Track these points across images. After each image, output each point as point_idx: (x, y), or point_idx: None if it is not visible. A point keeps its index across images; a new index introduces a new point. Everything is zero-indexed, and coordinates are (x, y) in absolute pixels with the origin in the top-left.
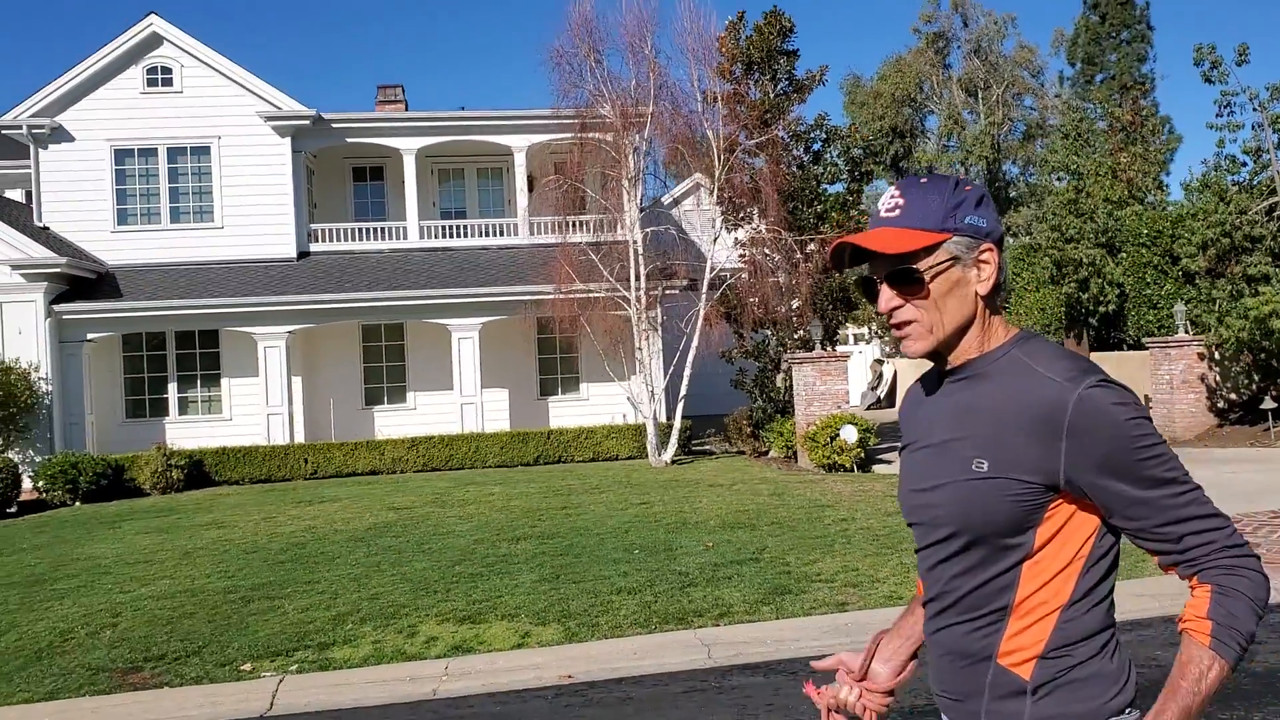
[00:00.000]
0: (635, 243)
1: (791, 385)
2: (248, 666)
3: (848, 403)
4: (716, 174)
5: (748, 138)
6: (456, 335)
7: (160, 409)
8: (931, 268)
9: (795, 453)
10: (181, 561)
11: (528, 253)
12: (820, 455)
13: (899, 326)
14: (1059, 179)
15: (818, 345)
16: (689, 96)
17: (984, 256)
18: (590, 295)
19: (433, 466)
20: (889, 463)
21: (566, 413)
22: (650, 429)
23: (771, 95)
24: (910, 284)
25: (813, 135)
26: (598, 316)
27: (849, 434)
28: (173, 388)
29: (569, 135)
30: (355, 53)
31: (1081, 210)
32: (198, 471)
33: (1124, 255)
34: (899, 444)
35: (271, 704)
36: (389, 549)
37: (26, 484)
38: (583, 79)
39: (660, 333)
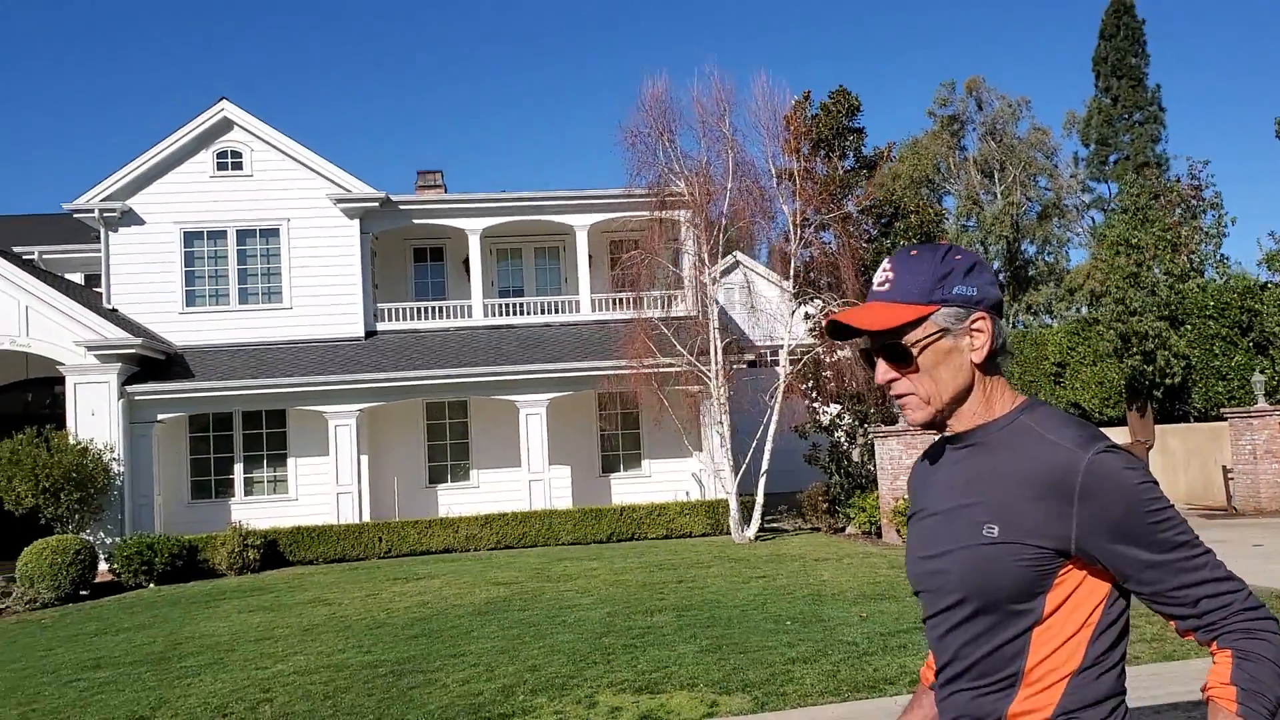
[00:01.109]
0: (713, 318)
1: (874, 460)
2: None
3: None
4: (793, 248)
5: (816, 213)
6: (524, 411)
7: (226, 489)
8: (918, 341)
9: (879, 528)
10: (304, 638)
11: (590, 329)
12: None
13: (898, 398)
14: (1117, 252)
15: (901, 419)
16: (763, 173)
17: (976, 325)
18: (666, 370)
19: (506, 544)
20: None
21: (629, 489)
22: (733, 505)
23: (841, 171)
24: (899, 358)
25: (881, 210)
26: (671, 391)
27: None
28: (239, 468)
29: (630, 214)
30: (390, 136)
31: (1143, 283)
32: (272, 551)
33: (1188, 328)
34: (908, 514)
35: None
36: (521, 622)
37: (101, 565)
38: (655, 157)
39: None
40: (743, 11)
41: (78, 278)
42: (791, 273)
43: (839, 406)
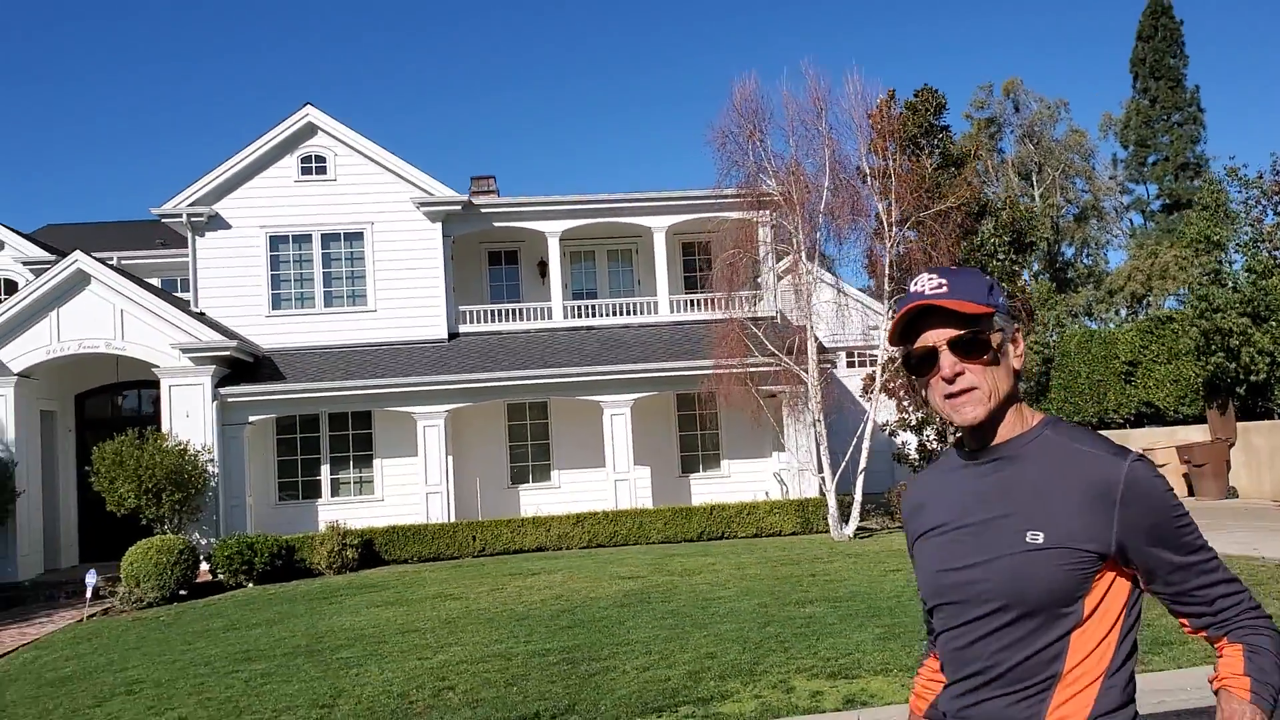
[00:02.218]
0: (811, 317)
1: None
2: None
3: None
4: (887, 247)
5: (910, 211)
6: (609, 412)
7: (313, 490)
8: (992, 333)
9: None
10: (450, 630)
11: (669, 330)
12: None
13: (958, 394)
14: (1197, 250)
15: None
16: (857, 171)
17: (1017, 336)
18: (759, 370)
19: (597, 543)
20: None
21: (708, 490)
22: (831, 503)
23: (929, 170)
24: (974, 347)
25: (968, 208)
26: (756, 391)
27: None
28: (325, 469)
29: (707, 214)
30: (441, 141)
31: (1224, 280)
32: (368, 551)
33: (1273, 324)
34: (911, 536)
35: None
36: (671, 614)
37: (201, 565)
38: (745, 157)
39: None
40: (765, 15)
41: (154, 283)
42: (886, 272)
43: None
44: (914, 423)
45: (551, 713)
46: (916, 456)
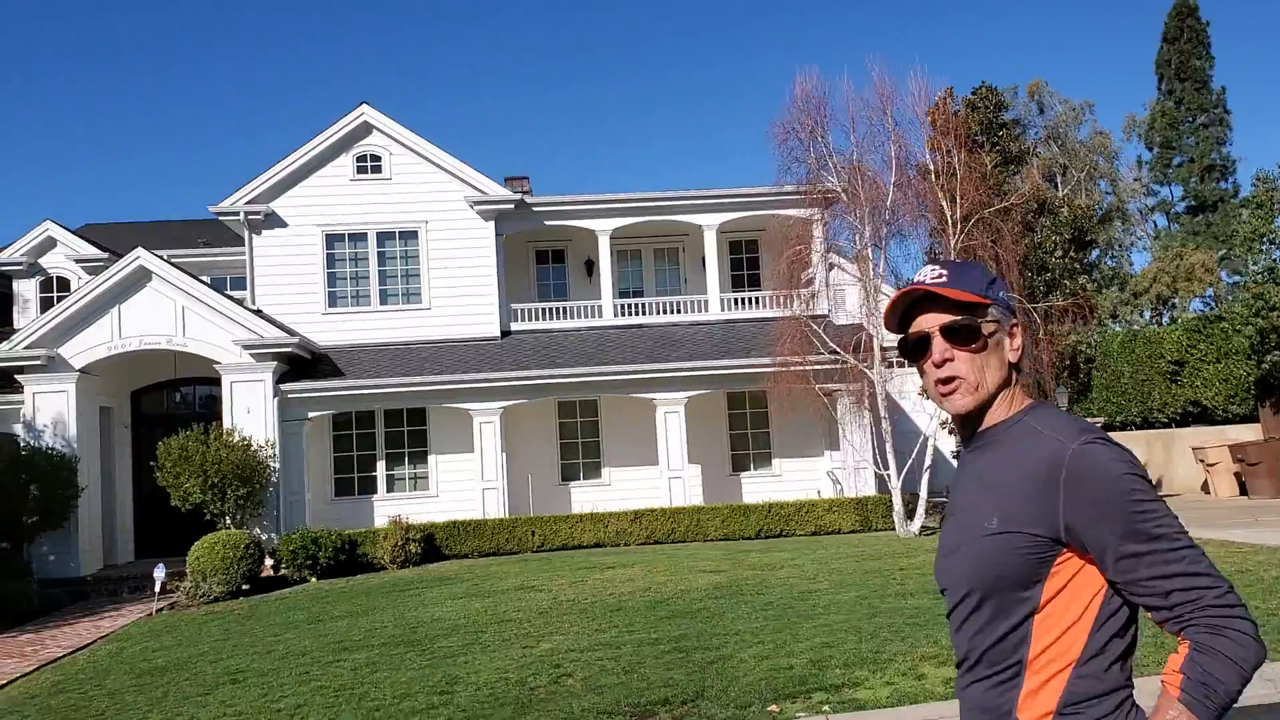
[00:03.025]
0: (876, 313)
1: None
2: (775, 708)
3: None
4: (951, 244)
5: (968, 209)
6: (663, 409)
7: (368, 486)
8: (984, 322)
9: None
10: (546, 620)
11: (720, 328)
12: None
13: (947, 381)
14: (1249, 248)
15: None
16: (920, 168)
17: (1015, 330)
18: (821, 367)
19: (655, 539)
20: None
21: (759, 488)
22: (897, 500)
23: (990, 167)
24: (966, 335)
25: (1027, 205)
26: (823, 389)
27: None
28: (381, 465)
29: (760, 211)
30: (475, 141)
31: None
32: (429, 545)
33: None
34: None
35: None
36: (770, 605)
37: (264, 560)
38: (807, 153)
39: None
40: (773, 19)
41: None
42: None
43: None
44: None
45: (681, 698)
46: None
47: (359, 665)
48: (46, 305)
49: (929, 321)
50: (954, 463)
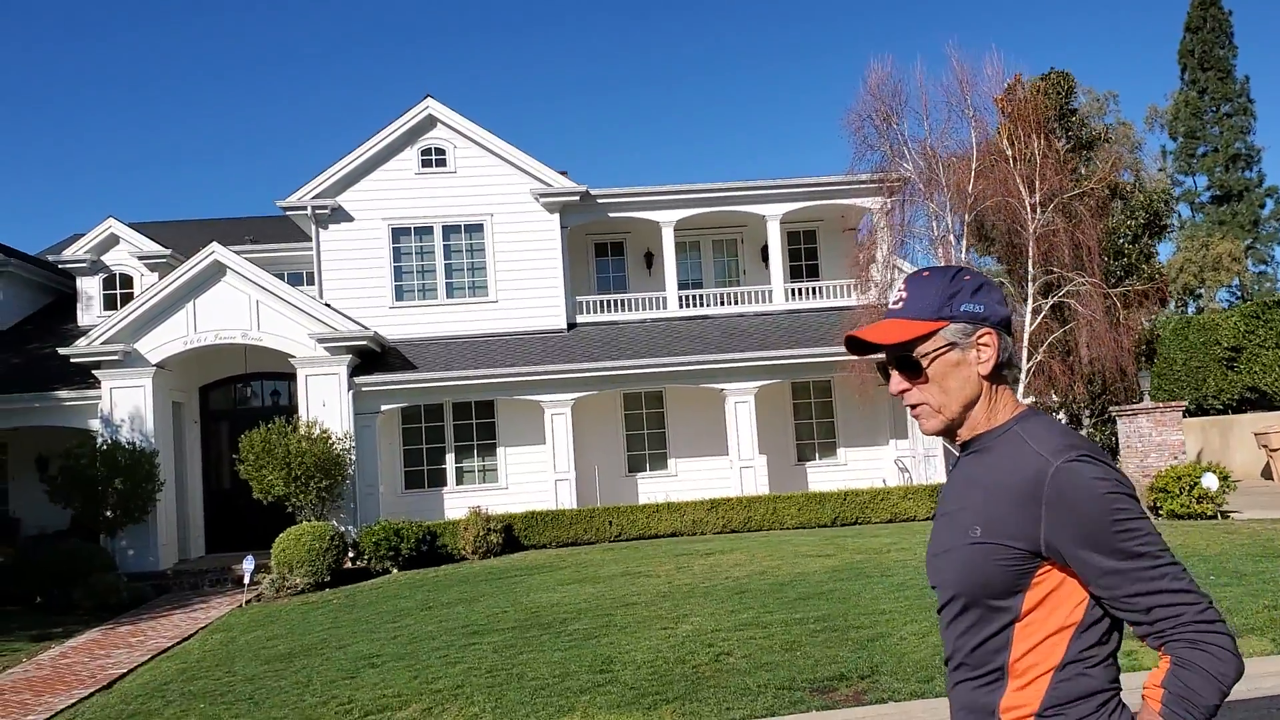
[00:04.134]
0: None
1: (1116, 438)
2: None
3: (1183, 453)
4: (1031, 230)
5: (1047, 194)
6: (733, 399)
7: (437, 479)
8: (928, 354)
9: None
10: (672, 603)
11: (785, 318)
12: (1175, 505)
13: (912, 408)
14: None
15: (1146, 396)
16: (1000, 154)
17: (983, 340)
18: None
19: (731, 528)
20: (1239, 511)
21: (824, 477)
22: None
23: (1062, 153)
24: (911, 369)
25: (1099, 191)
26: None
27: (1210, 482)
28: (450, 458)
29: (824, 201)
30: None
31: None
32: (508, 536)
33: None
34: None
35: None
36: (901, 586)
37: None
38: (881, 140)
39: None
40: (791, 7)
41: None
42: (1031, 254)
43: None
44: (1052, 404)
45: (857, 674)
46: None
47: (497, 647)
48: (110, 302)
49: (885, 354)
50: None
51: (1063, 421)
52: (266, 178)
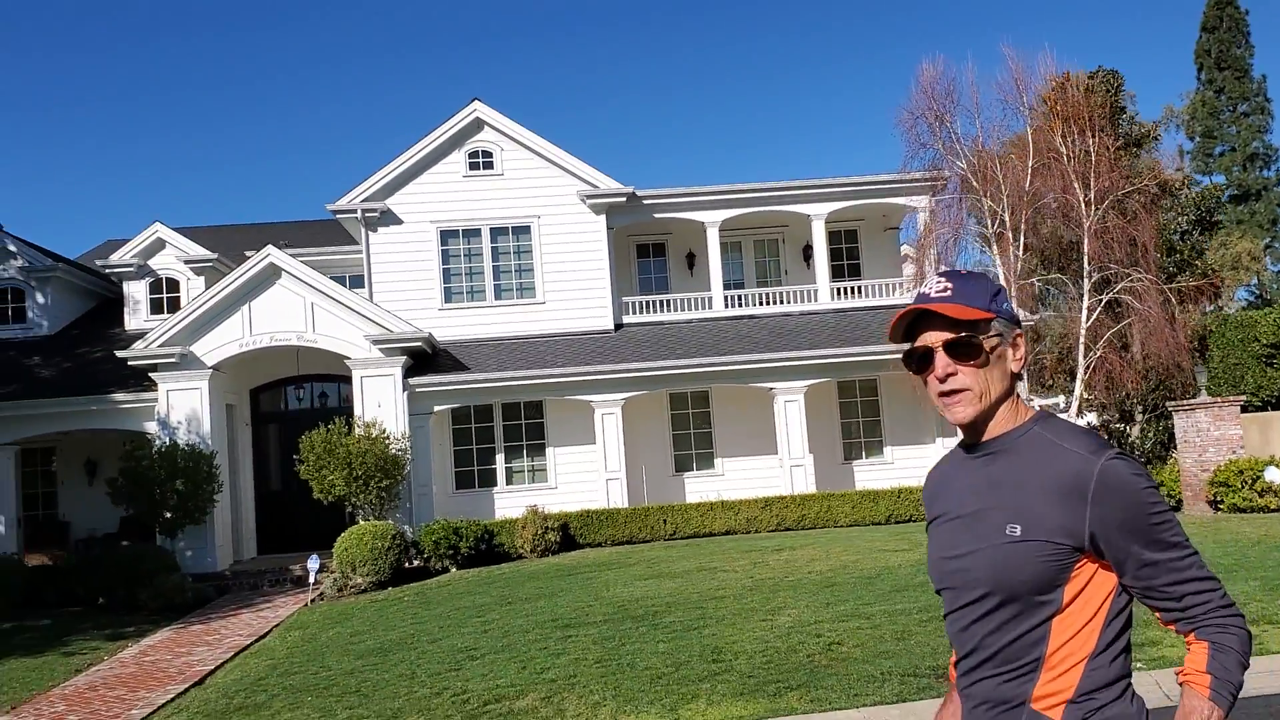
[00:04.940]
0: (1013, 297)
1: (1171, 433)
2: None
3: (1242, 448)
4: (1087, 227)
5: (1102, 191)
6: (782, 398)
7: (488, 479)
8: (986, 339)
9: (1179, 500)
10: (761, 596)
11: (832, 317)
12: (1237, 498)
13: (950, 394)
14: None
15: (1203, 391)
16: (1053, 152)
17: (1017, 340)
18: None
19: (785, 526)
20: None
21: (871, 476)
22: None
23: (1111, 150)
24: (968, 351)
25: (1148, 189)
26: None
27: (1273, 475)
28: (500, 458)
29: (871, 200)
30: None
31: None
32: (564, 534)
33: None
34: (927, 522)
35: None
36: None
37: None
38: (933, 138)
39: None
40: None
41: None
42: (1086, 251)
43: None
44: (1103, 401)
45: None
46: (1106, 436)
47: (596, 639)
48: (156, 306)
49: (932, 337)
50: None
51: (1115, 417)
52: (305, 183)
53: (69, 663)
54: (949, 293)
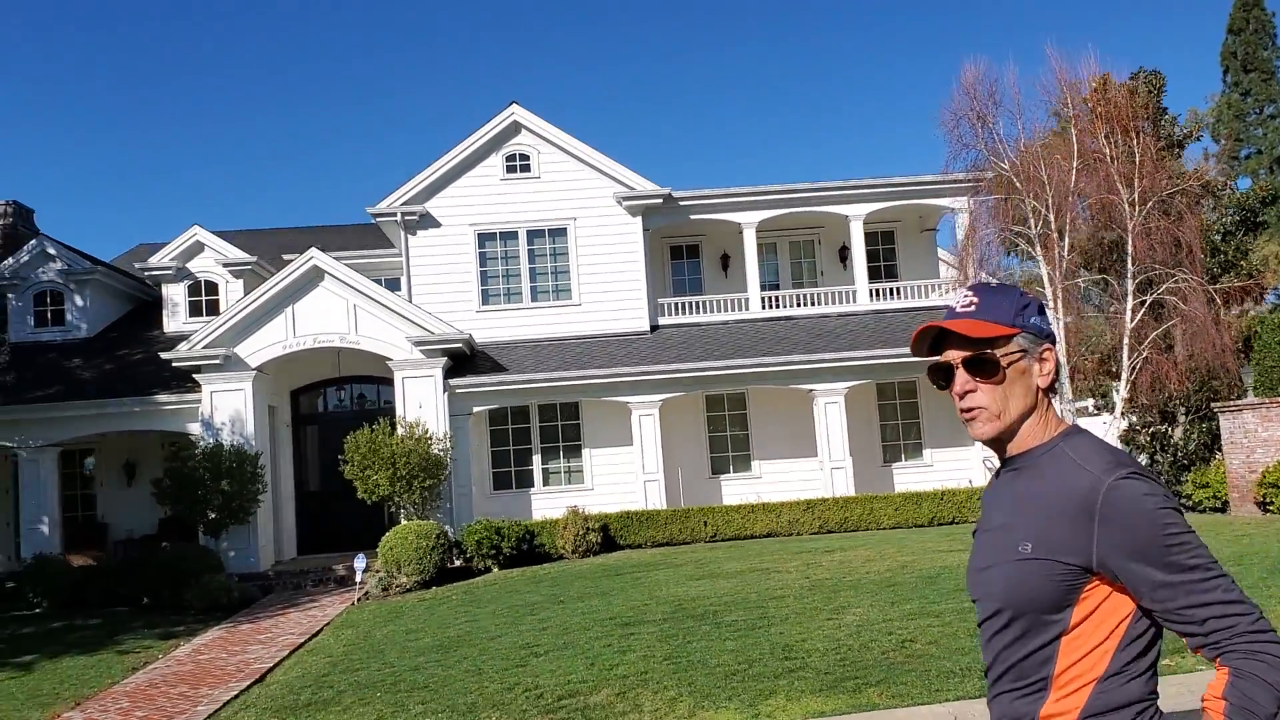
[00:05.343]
0: (1059, 298)
1: (1215, 434)
2: (1168, 662)
3: None
4: (1131, 228)
5: (1146, 192)
6: (822, 400)
7: (524, 480)
8: (1005, 355)
9: (1224, 502)
10: (822, 595)
11: (870, 318)
12: None
13: (969, 410)
14: None
15: (1249, 392)
16: (1095, 153)
17: (1045, 354)
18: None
19: (828, 529)
20: None
21: (910, 479)
22: None
23: (1154, 151)
24: (986, 368)
25: (1192, 189)
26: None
27: None
28: (536, 459)
29: (910, 201)
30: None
31: None
32: (604, 535)
33: None
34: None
35: None
36: None
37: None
38: (976, 139)
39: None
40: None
41: None
42: (1131, 252)
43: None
44: (1149, 402)
45: None
46: (1149, 439)
47: (660, 637)
48: (195, 309)
49: (953, 354)
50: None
51: (1157, 419)
52: (331, 187)
53: (124, 661)
54: (973, 307)
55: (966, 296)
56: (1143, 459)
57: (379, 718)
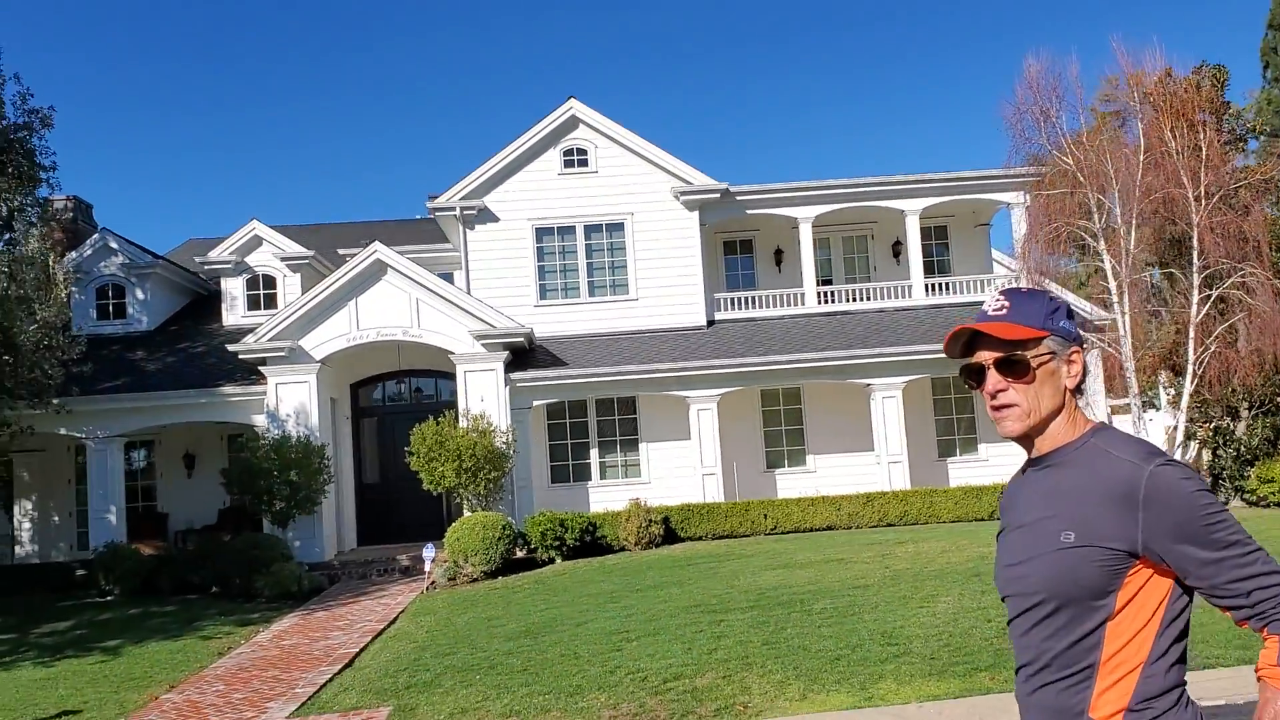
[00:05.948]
0: (1126, 296)
1: (1276, 429)
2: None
3: None
4: (1197, 223)
5: (1212, 186)
6: (880, 395)
7: (582, 473)
8: (1035, 357)
9: None
10: (907, 584)
11: (926, 313)
12: None
13: (1000, 409)
14: None
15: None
16: (1161, 147)
17: (1073, 357)
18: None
19: (888, 522)
20: None
21: (965, 473)
22: None
23: (1218, 145)
24: (1017, 369)
25: (1257, 183)
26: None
27: None
28: (594, 453)
29: (966, 195)
30: None
31: None
32: (665, 528)
33: None
34: (998, 531)
35: None
36: None
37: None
38: (1038, 133)
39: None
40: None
41: None
42: (1196, 248)
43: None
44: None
45: None
46: (1211, 434)
47: (752, 624)
48: (253, 303)
49: (984, 355)
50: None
51: (1220, 413)
52: (384, 183)
53: (208, 646)
54: (1005, 311)
55: (998, 300)
56: (1205, 455)
57: (484, 699)
